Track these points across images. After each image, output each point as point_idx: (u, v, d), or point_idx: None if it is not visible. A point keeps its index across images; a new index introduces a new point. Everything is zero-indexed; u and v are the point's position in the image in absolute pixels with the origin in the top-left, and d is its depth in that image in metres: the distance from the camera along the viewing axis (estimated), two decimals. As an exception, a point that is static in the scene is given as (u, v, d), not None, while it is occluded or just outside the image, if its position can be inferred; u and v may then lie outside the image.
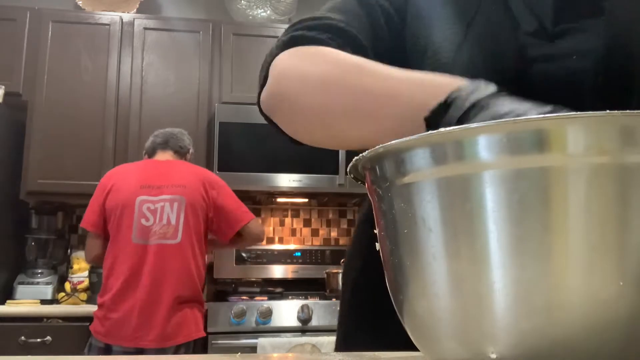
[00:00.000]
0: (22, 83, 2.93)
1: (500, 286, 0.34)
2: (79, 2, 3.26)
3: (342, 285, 0.81)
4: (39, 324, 2.49)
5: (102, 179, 2.29)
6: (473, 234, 0.35)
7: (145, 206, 2.16)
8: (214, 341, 2.49)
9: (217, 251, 3.01)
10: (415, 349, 0.43)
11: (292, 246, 3.30)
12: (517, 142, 0.33)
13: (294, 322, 2.59)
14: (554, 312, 0.33)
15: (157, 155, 2.34)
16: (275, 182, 2.95)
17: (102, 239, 2.24)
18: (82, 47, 2.99)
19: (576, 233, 0.32)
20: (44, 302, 2.74)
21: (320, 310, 2.63)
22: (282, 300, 2.70)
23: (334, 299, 2.73)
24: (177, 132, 2.40)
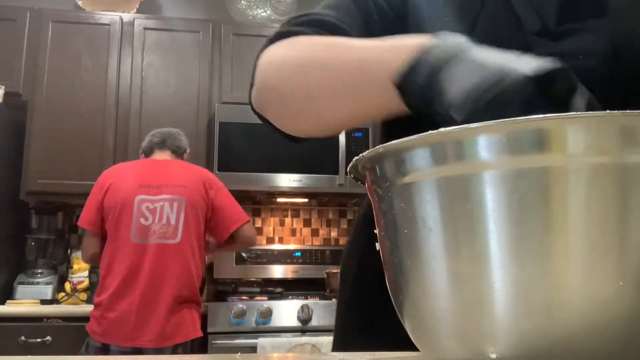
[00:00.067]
0: (22, 83, 2.93)
1: (500, 286, 0.34)
2: (79, 2, 3.26)
3: (339, 284, 0.80)
4: (39, 324, 2.49)
5: (100, 177, 2.28)
6: (473, 234, 0.35)
7: (144, 205, 2.16)
8: (214, 341, 2.49)
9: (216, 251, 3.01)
10: (414, 348, 0.43)
11: (292, 246, 3.30)
12: (517, 142, 0.33)
13: (294, 322, 2.59)
14: (554, 312, 0.33)
15: (154, 155, 2.32)
16: (275, 182, 2.95)
17: (99, 237, 2.23)
18: (82, 47, 2.99)
19: (576, 233, 0.32)
20: (44, 302, 2.73)
21: (320, 310, 2.63)
22: (282, 300, 2.70)
23: (334, 299, 2.72)
24: (175, 132, 2.39)
